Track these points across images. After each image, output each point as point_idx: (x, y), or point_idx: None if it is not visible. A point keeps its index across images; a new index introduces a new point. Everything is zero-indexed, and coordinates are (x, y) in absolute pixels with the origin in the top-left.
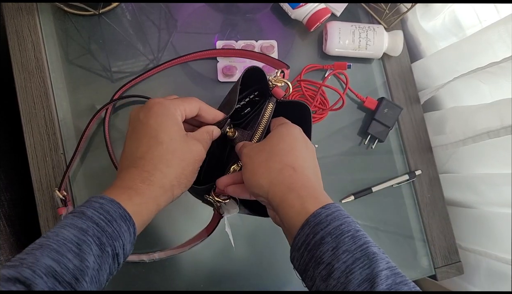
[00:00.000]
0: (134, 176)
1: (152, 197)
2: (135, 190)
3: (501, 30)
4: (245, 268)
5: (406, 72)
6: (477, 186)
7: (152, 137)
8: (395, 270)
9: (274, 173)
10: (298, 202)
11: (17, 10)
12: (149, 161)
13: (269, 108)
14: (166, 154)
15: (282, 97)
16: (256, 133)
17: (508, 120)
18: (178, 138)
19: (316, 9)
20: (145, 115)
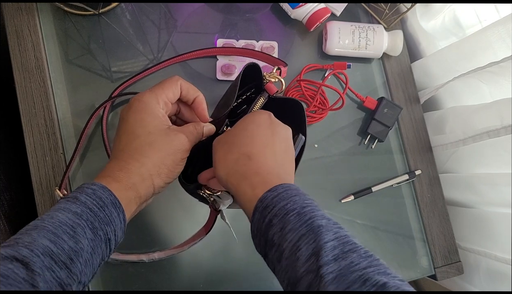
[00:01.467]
0: (113, 165)
1: (130, 184)
2: (113, 178)
3: (501, 30)
4: (245, 268)
5: (406, 72)
6: (477, 186)
7: (130, 132)
8: (344, 239)
9: (230, 163)
10: (249, 189)
11: (17, 10)
12: (127, 152)
13: (259, 102)
14: (143, 146)
15: (274, 93)
16: None
17: (508, 119)
18: (156, 132)
19: (315, 9)
20: (126, 113)
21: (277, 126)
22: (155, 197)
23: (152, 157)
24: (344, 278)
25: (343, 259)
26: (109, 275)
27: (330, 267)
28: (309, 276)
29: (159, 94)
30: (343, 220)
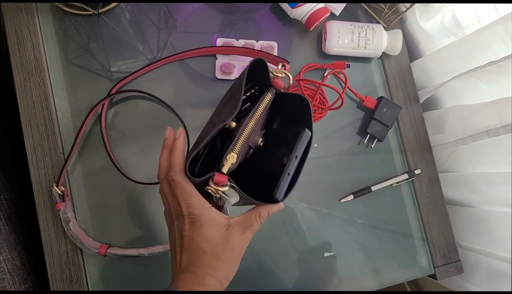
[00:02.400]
0: (190, 280)
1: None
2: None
3: (500, 29)
4: (245, 268)
5: (405, 71)
6: (477, 185)
7: (197, 248)
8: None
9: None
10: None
11: (17, 10)
12: (198, 267)
13: (267, 98)
14: (212, 260)
15: (281, 88)
16: (251, 121)
17: (507, 118)
18: (219, 243)
19: (315, 9)
20: (188, 231)
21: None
22: (156, 193)
23: (222, 269)
24: None
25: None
26: (109, 275)
27: None
28: None
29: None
30: (343, 219)
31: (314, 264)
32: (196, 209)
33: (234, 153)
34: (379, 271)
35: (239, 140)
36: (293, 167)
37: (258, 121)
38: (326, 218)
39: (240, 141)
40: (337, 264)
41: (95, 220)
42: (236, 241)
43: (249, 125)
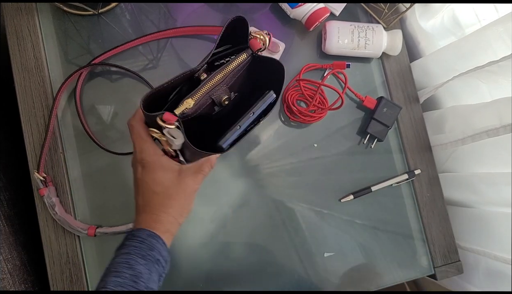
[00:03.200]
0: (147, 219)
1: (165, 230)
2: (152, 228)
3: (500, 29)
4: (245, 268)
5: (405, 71)
6: (477, 186)
7: (150, 191)
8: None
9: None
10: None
11: (17, 10)
12: (153, 207)
13: (241, 57)
14: (165, 199)
15: (257, 50)
16: (218, 74)
17: (507, 119)
18: (172, 184)
19: (315, 9)
20: (141, 174)
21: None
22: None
23: (175, 207)
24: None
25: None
26: None
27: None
28: None
29: (147, 147)
30: (343, 219)
31: (314, 264)
32: (147, 155)
33: (192, 99)
34: (379, 271)
35: (201, 89)
36: (246, 122)
37: (226, 77)
38: (326, 218)
39: (201, 90)
40: (337, 264)
41: (95, 220)
42: (188, 183)
43: (215, 77)
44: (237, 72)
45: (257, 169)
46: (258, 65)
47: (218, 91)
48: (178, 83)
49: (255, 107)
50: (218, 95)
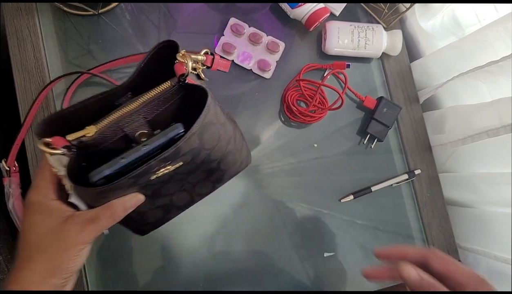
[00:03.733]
0: (10, 276)
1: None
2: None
3: (500, 29)
4: (245, 268)
5: (405, 71)
6: (477, 186)
7: (22, 238)
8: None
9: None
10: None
11: (17, 11)
12: (18, 260)
13: (164, 86)
14: (31, 251)
15: (180, 75)
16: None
17: (507, 119)
18: (47, 233)
19: (315, 9)
20: (22, 214)
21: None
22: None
23: (43, 262)
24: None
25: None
26: (109, 275)
27: None
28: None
29: (41, 185)
30: (343, 219)
31: (314, 264)
32: (35, 194)
33: (95, 127)
34: None
35: (108, 117)
36: (134, 155)
37: (140, 107)
38: (326, 219)
39: (108, 119)
40: (337, 264)
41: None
42: (70, 233)
43: (128, 106)
44: (160, 104)
45: (257, 169)
46: (190, 96)
47: (132, 124)
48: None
49: (151, 141)
50: (132, 128)
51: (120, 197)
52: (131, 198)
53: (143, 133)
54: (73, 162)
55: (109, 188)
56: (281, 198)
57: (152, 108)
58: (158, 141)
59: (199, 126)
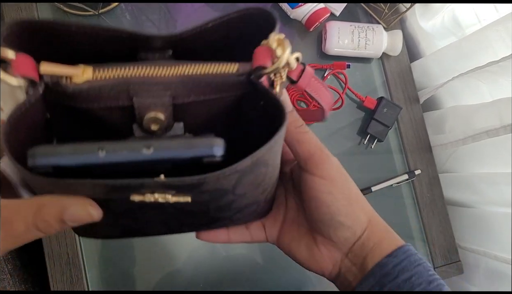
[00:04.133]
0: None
1: None
2: None
3: (501, 29)
4: (245, 268)
5: (406, 71)
6: (477, 186)
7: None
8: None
9: (369, 207)
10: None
11: (17, 10)
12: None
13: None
14: None
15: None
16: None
17: (507, 119)
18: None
19: (315, 9)
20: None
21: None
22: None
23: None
24: None
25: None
26: (109, 275)
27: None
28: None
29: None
30: None
31: None
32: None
33: (92, 70)
34: None
35: (120, 66)
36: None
37: (176, 78)
38: None
39: (118, 68)
40: None
41: None
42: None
43: (158, 67)
44: (206, 90)
45: None
46: (251, 103)
47: (149, 96)
48: (104, 47)
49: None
50: (145, 103)
51: (63, 198)
52: (78, 209)
53: (157, 119)
54: (30, 105)
55: (60, 184)
56: None
57: (192, 89)
58: (172, 151)
59: (250, 163)
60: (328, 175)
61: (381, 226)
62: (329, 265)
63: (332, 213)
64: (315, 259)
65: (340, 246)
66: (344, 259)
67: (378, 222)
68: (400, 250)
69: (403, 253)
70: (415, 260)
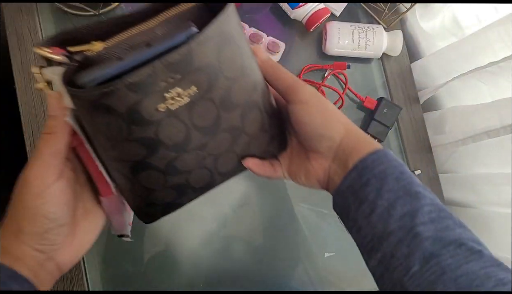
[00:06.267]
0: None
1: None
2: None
3: (501, 29)
4: (245, 268)
5: (406, 72)
6: (477, 186)
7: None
8: (439, 206)
9: (345, 119)
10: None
11: (17, 11)
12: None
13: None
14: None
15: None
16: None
17: (507, 119)
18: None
19: (315, 9)
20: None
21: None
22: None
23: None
24: (440, 238)
25: (439, 222)
26: (109, 275)
27: (427, 227)
28: (401, 232)
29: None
30: None
31: (314, 264)
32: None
33: (103, 43)
34: None
35: (120, 33)
36: (136, 56)
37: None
38: (327, 219)
39: (120, 35)
40: (337, 264)
41: None
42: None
43: (144, 24)
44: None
45: None
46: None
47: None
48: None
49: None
50: (151, 33)
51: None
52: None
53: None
54: (71, 72)
55: (103, 92)
56: (282, 198)
57: (171, 27)
58: (165, 42)
59: (216, 29)
60: (304, 100)
61: (358, 132)
62: (321, 174)
63: (312, 129)
64: (311, 174)
65: (326, 154)
66: (331, 165)
67: (354, 129)
68: (379, 151)
69: (381, 152)
70: (392, 158)
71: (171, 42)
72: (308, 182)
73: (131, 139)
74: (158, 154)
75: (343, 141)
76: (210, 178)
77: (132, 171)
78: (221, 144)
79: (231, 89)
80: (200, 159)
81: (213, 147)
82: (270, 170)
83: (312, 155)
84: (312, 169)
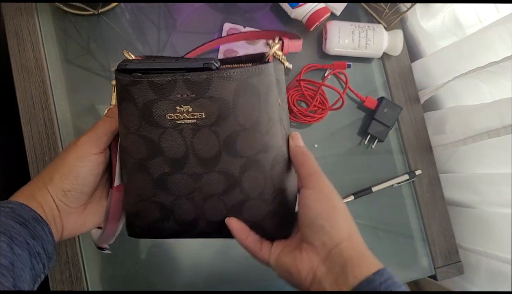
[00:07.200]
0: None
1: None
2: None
3: (501, 29)
4: (245, 268)
5: (406, 71)
6: (477, 186)
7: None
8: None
9: (353, 225)
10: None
11: (17, 10)
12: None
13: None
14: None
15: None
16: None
17: (508, 119)
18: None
19: (315, 9)
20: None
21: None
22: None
23: (47, 170)
24: None
25: None
26: (109, 275)
27: None
28: None
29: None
30: None
31: None
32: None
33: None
34: None
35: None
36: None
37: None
38: None
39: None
40: None
41: None
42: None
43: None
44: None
45: None
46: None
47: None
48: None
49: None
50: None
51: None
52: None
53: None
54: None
55: (131, 80)
56: None
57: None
58: (191, 62)
59: (242, 74)
60: (317, 187)
61: (362, 244)
62: (306, 269)
63: (315, 216)
64: (295, 263)
65: (319, 250)
66: (320, 265)
67: (359, 239)
68: (384, 270)
69: (387, 274)
70: (397, 282)
71: (191, 64)
72: (289, 277)
73: (139, 134)
74: (156, 161)
75: (343, 244)
76: (194, 216)
77: (132, 167)
78: (213, 186)
79: (239, 135)
80: (190, 189)
81: (205, 183)
82: (254, 246)
83: (305, 246)
84: (299, 258)
